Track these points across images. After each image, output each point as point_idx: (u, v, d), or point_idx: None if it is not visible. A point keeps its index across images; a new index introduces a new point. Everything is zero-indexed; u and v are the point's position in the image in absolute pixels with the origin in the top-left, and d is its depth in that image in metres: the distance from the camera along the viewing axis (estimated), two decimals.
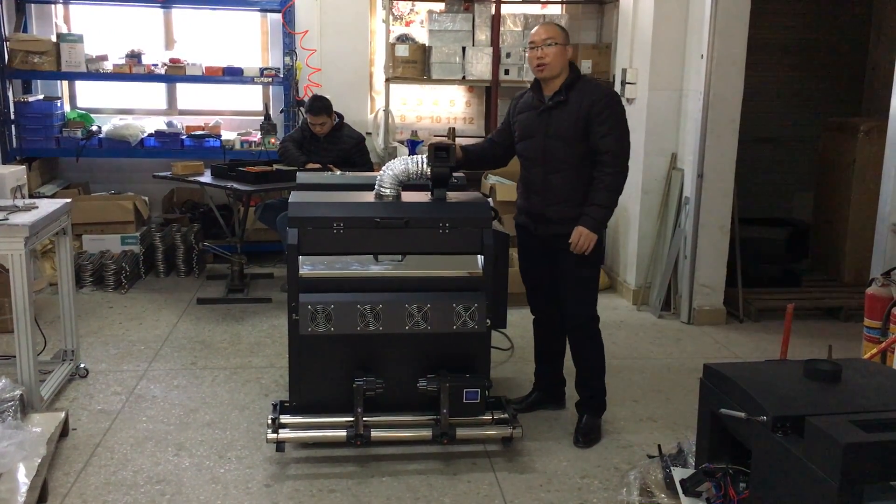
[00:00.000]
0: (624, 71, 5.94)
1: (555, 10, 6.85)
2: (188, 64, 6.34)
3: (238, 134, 6.49)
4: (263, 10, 6.63)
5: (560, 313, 3.73)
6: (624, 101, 5.91)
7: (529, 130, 3.61)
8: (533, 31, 3.59)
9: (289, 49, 6.40)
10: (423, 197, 3.63)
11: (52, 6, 6.58)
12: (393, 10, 6.59)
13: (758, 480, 2.51)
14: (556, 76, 3.53)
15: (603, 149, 3.46)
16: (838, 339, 4.75)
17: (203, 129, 6.48)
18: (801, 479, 2.26)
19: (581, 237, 3.48)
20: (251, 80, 6.42)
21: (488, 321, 3.40)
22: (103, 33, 6.62)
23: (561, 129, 3.50)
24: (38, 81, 6.54)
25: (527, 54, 3.79)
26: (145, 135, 6.38)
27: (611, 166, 3.46)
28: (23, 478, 2.95)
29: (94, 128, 6.35)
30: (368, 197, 3.62)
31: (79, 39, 6.24)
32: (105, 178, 6.68)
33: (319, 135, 5.70)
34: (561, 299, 3.68)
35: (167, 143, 6.36)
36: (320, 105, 5.63)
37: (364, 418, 3.34)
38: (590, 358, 3.72)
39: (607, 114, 3.46)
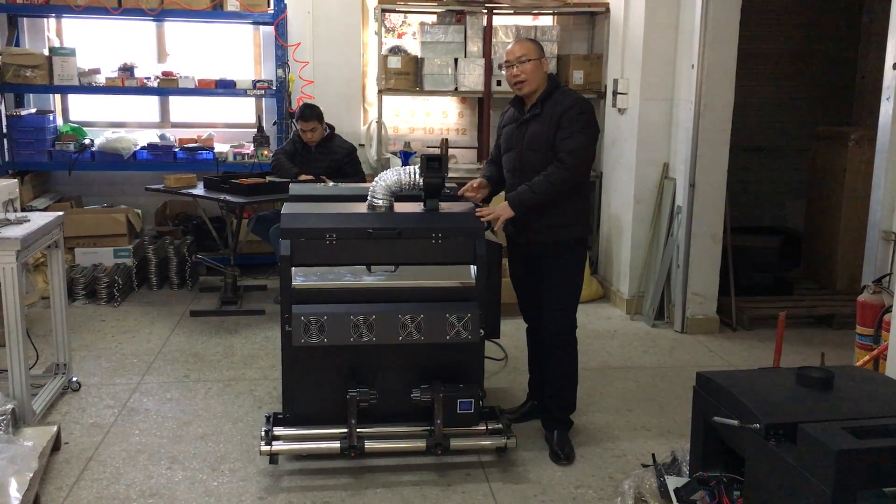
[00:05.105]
0: (615, 81, 5.98)
1: (546, 21, 6.88)
2: (181, 77, 6.35)
3: (231, 146, 6.49)
4: (256, 23, 6.64)
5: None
6: (615, 112, 6.02)
7: (510, 143, 3.65)
8: (507, 49, 3.62)
9: (281, 61, 6.41)
10: (415, 208, 3.64)
11: (45, 20, 6.58)
12: (385, 22, 6.61)
13: (751, 488, 2.51)
14: (535, 91, 3.56)
15: (562, 148, 3.46)
16: (831, 347, 4.77)
17: (196, 142, 6.48)
18: (794, 486, 2.26)
19: (496, 209, 3.54)
20: (244, 93, 6.42)
21: (482, 331, 3.40)
22: (96, 47, 6.63)
23: (536, 140, 3.53)
24: (31, 95, 6.53)
25: (503, 73, 3.81)
26: (138, 148, 6.37)
27: (564, 164, 3.45)
28: (14, 492, 2.93)
29: (87, 141, 6.34)
30: (361, 208, 3.62)
31: (71, 53, 6.24)
32: (98, 191, 6.67)
33: (310, 143, 5.72)
34: (542, 306, 3.69)
35: (160, 156, 6.35)
36: (311, 112, 5.65)
37: (358, 429, 3.34)
38: (564, 367, 3.71)
39: (575, 119, 3.47)
